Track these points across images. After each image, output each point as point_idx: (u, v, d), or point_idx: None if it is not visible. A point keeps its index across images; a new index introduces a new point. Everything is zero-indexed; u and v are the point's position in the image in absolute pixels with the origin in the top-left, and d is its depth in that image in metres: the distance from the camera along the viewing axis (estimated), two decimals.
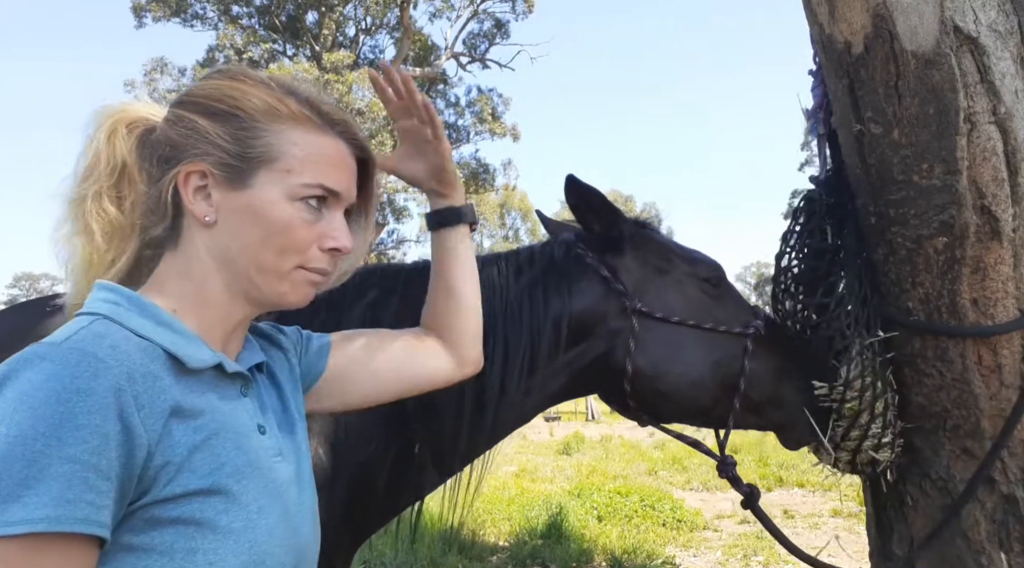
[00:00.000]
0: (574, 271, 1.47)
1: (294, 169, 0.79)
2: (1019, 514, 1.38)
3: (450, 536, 5.24)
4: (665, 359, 1.44)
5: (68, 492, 0.60)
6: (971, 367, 1.41)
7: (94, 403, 0.63)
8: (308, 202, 0.80)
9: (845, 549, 5.08)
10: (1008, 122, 1.38)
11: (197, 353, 0.76)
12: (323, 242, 0.82)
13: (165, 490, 0.67)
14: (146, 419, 0.67)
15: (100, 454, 0.62)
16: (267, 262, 0.79)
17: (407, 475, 1.33)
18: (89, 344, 0.67)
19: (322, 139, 0.83)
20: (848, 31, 1.49)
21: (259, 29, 19.57)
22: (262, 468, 0.77)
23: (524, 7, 20.85)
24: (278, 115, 0.80)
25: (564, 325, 1.41)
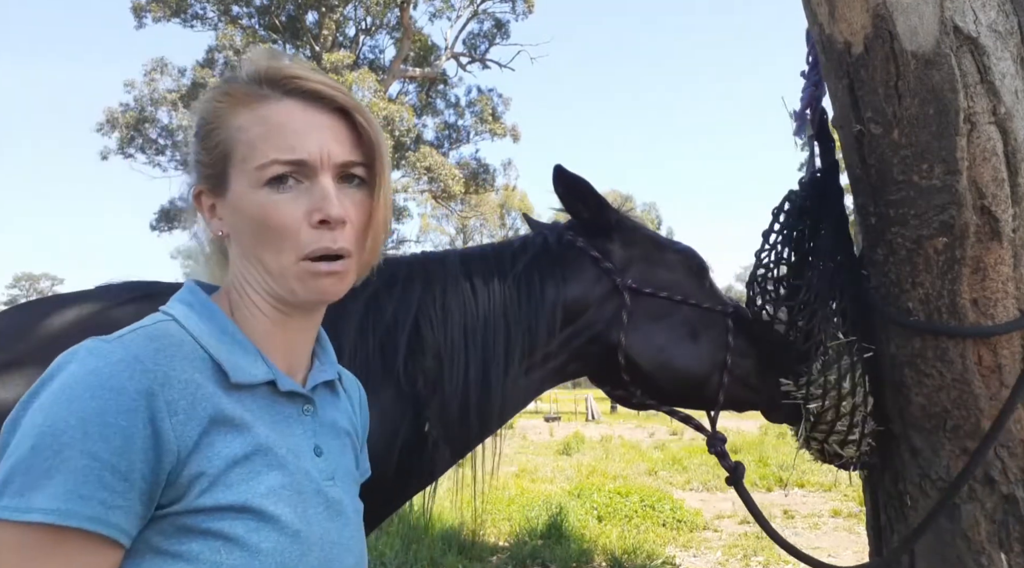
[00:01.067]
0: (566, 254, 1.53)
1: (247, 155, 0.74)
2: (1019, 514, 1.38)
3: (450, 536, 5.24)
4: (657, 332, 1.51)
5: (82, 488, 0.61)
6: (971, 367, 1.41)
7: (124, 403, 0.63)
8: (276, 180, 0.73)
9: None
10: (1008, 122, 1.38)
11: (250, 367, 0.75)
12: (311, 217, 0.74)
13: (199, 500, 0.67)
14: (179, 426, 0.67)
15: (121, 455, 0.62)
16: (268, 261, 0.76)
17: (418, 456, 1.35)
18: (135, 345, 0.68)
19: (265, 108, 0.74)
20: (848, 31, 1.49)
21: (259, 29, 19.56)
22: (306, 492, 0.75)
23: (524, 7, 20.85)
24: (220, 107, 0.76)
25: (560, 305, 1.47)
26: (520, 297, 1.43)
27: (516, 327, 1.41)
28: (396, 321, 1.34)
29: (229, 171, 0.75)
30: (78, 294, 1.35)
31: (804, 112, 1.71)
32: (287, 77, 0.75)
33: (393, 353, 1.32)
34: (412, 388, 1.31)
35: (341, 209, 0.75)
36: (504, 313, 1.41)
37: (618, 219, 1.62)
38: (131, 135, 18.85)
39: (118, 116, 18.88)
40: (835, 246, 1.59)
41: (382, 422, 1.29)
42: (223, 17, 19.38)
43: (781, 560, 5.30)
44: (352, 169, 0.78)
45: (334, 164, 0.75)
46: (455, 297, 1.39)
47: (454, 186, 19.30)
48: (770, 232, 1.67)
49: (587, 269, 1.52)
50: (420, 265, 1.44)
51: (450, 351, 1.35)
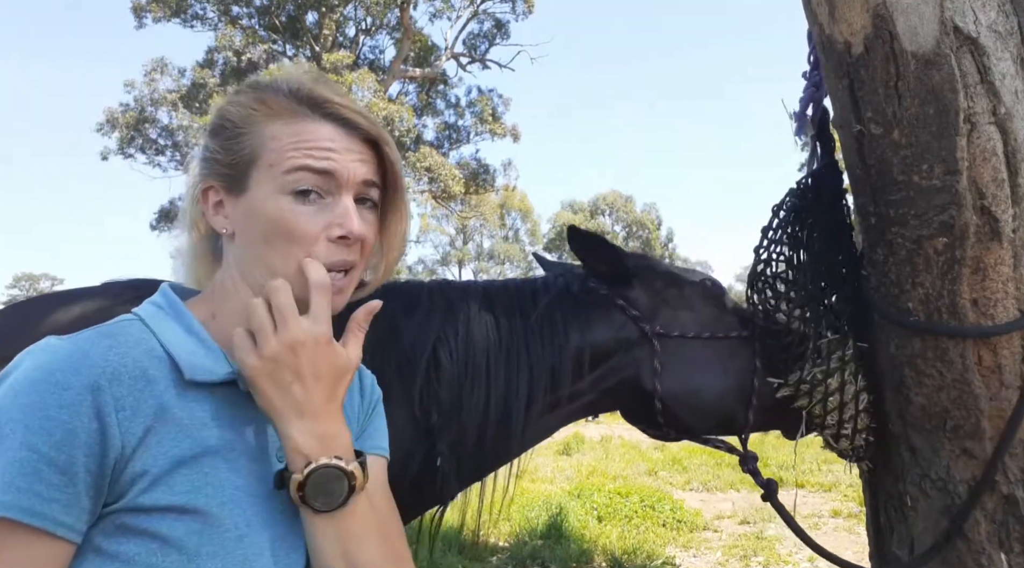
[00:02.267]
0: (590, 301, 1.55)
1: (275, 161, 0.77)
2: (1019, 514, 1.38)
3: (450, 536, 5.24)
4: (691, 375, 1.53)
5: (18, 479, 0.61)
6: (971, 367, 1.41)
7: (67, 398, 0.64)
8: (302, 192, 0.76)
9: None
10: (1008, 122, 1.38)
11: (211, 366, 0.74)
12: (330, 232, 0.77)
13: (140, 498, 0.67)
14: (125, 421, 0.67)
15: (61, 449, 0.62)
16: (275, 263, 0.77)
17: (429, 485, 1.34)
18: (86, 342, 0.69)
19: (302, 124, 0.79)
20: (848, 31, 1.49)
21: (259, 29, 19.56)
22: (259, 495, 0.74)
23: (524, 7, 20.85)
24: (255, 115, 0.80)
25: (586, 349, 1.49)
26: (543, 336, 1.45)
27: (539, 365, 1.42)
28: (415, 348, 1.33)
29: (251, 174, 0.78)
30: (82, 291, 1.35)
31: (805, 112, 1.71)
32: (328, 101, 0.80)
33: (411, 379, 1.31)
34: (427, 419, 1.30)
35: (363, 227, 0.78)
36: (528, 350, 1.41)
37: (635, 265, 1.64)
38: (131, 135, 18.86)
39: (118, 116, 18.89)
40: (831, 245, 1.60)
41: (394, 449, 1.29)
42: (223, 17, 19.38)
43: (781, 560, 5.30)
44: (369, 190, 0.81)
45: (357, 182, 0.79)
46: (478, 329, 1.39)
47: (454, 186, 19.31)
48: (769, 229, 1.67)
49: (614, 316, 1.55)
50: (441, 293, 1.45)
51: (470, 384, 1.34)
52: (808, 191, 1.66)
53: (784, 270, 1.64)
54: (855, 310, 1.58)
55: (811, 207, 1.63)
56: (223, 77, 18.44)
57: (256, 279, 0.78)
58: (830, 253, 1.60)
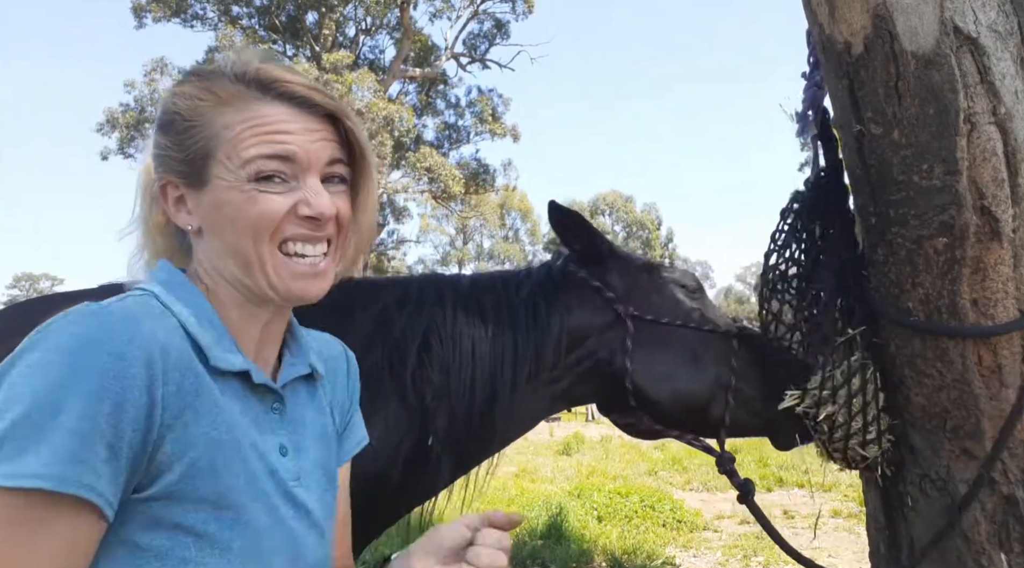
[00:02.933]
0: (567, 283, 1.59)
1: (231, 153, 0.73)
2: (1019, 515, 1.38)
3: None
4: (661, 357, 1.54)
5: (80, 452, 0.58)
6: (971, 368, 1.41)
7: (122, 368, 0.61)
8: (266, 177, 0.73)
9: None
10: (1008, 123, 1.38)
11: (227, 354, 0.73)
12: (299, 209, 0.74)
13: (175, 486, 0.65)
14: (169, 397, 0.65)
15: (110, 421, 0.60)
16: (247, 251, 0.74)
17: (421, 470, 1.37)
18: (133, 311, 0.67)
19: (253, 109, 0.74)
20: (848, 31, 1.49)
21: (259, 29, 19.57)
22: (272, 492, 0.73)
23: (524, 7, 20.86)
24: (203, 105, 0.75)
25: (565, 330, 1.51)
26: (527, 320, 1.49)
27: (523, 347, 1.46)
28: (406, 336, 1.38)
29: (210, 167, 0.74)
30: (80, 292, 1.35)
31: (807, 113, 1.71)
32: (277, 80, 0.75)
33: (401, 366, 1.35)
34: (420, 401, 1.34)
35: (332, 206, 0.75)
36: (513, 333, 1.46)
37: (610, 249, 1.67)
38: (131, 135, 18.85)
39: (118, 116, 18.90)
40: (841, 245, 1.59)
41: (386, 433, 1.31)
42: (223, 17, 19.39)
43: (781, 560, 5.30)
44: (336, 166, 0.78)
45: (321, 163, 0.76)
46: (465, 315, 1.44)
47: (454, 186, 19.31)
48: (778, 233, 1.66)
49: (590, 298, 1.57)
50: (432, 285, 1.50)
51: (458, 365, 1.39)
52: (817, 191, 1.65)
53: (796, 273, 1.63)
54: (867, 309, 1.56)
55: (821, 207, 1.63)
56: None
57: (231, 270, 0.76)
58: (843, 252, 1.59)
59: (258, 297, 0.77)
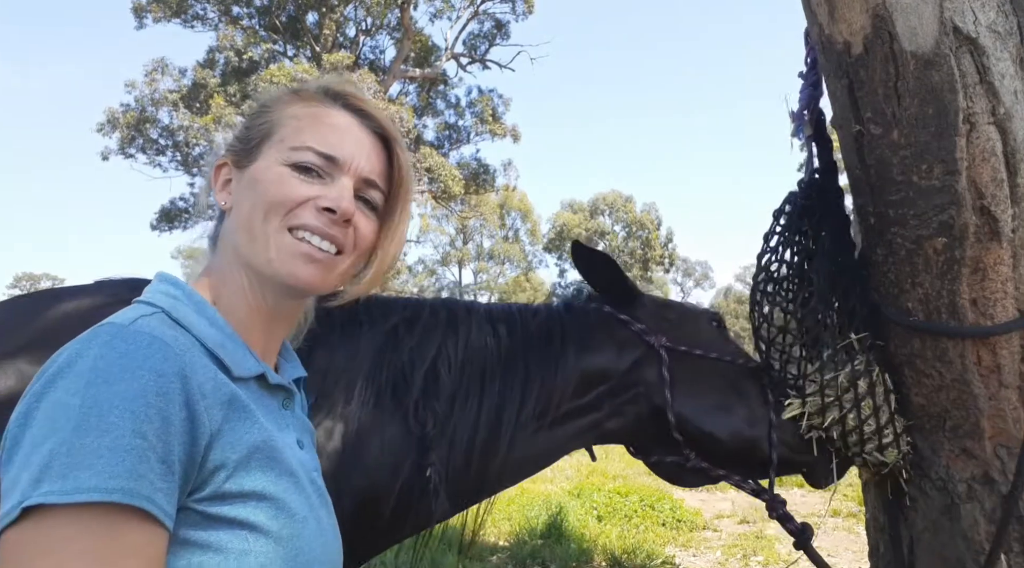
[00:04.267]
0: (591, 318, 1.55)
1: (287, 137, 0.80)
2: (1019, 514, 1.38)
3: (450, 536, 5.24)
4: (702, 389, 1.51)
5: (138, 467, 0.59)
6: (970, 368, 1.41)
7: (163, 386, 0.63)
8: (304, 167, 0.78)
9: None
10: (1007, 123, 1.38)
11: (243, 361, 0.76)
12: (319, 201, 0.77)
13: (225, 485, 0.67)
14: (209, 409, 0.67)
15: (160, 437, 0.61)
16: (255, 227, 0.77)
17: (417, 499, 1.32)
18: (156, 329, 0.68)
19: (321, 109, 0.82)
20: (848, 31, 1.49)
21: (259, 30, 19.56)
22: (302, 482, 0.76)
23: (524, 8, 20.85)
24: (284, 98, 0.84)
25: (586, 366, 1.47)
26: (540, 351, 1.44)
27: (534, 380, 1.40)
28: (413, 359, 1.33)
29: (263, 146, 0.81)
30: (75, 288, 1.34)
31: (803, 113, 1.71)
32: (347, 94, 0.84)
33: (405, 390, 1.31)
34: (421, 429, 1.29)
35: (352, 207, 0.78)
36: (524, 365, 1.41)
37: (634, 287, 1.64)
38: (132, 135, 18.86)
39: (119, 116, 18.89)
40: (836, 247, 1.58)
41: (383, 455, 1.27)
42: (223, 18, 19.38)
43: (780, 560, 5.31)
44: (371, 191, 0.83)
45: (359, 176, 0.81)
46: (477, 344, 1.39)
47: (454, 186, 19.30)
48: (771, 234, 1.65)
49: (617, 331, 1.54)
50: (445, 309, 1.45)
51: (464, 396, 1.34)
52: (812, 191, 1.64)
53: (789, 274, 1.61)
54: (868, 309, 1.55)
55: (814, 209, 1.62)
56: (224, 77, 18.45)
57: (238, 244, 0.78)
58: (840, 252, 1.58)
59: (258, 277, 0.78)
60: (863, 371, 1.48)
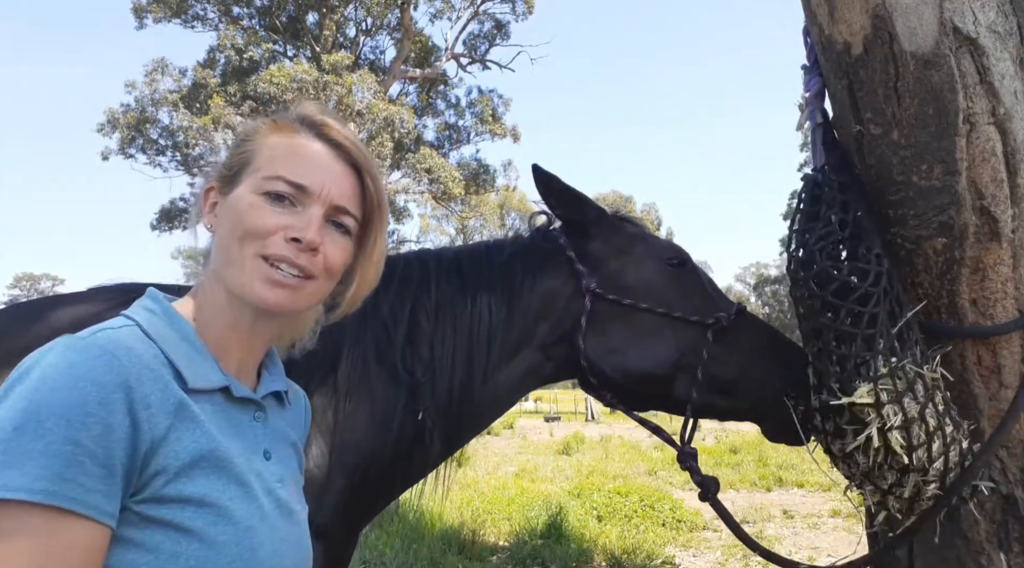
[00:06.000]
0: (546, 251, 1.57)
1: (261, 166, 0.85)
2: (1018, 514, 1.38)
3: (450, 536, 5.24)
4: (614, 340, 1.50)
5: (67, 471, 0.65)
6: (970, 368, 1.41)
7: (105, 395, 0.68)
8: (276, 196, 0.83)
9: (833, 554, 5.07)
10: (1007, 123, 1.38)
11: (207, 374, 0.81)
12: (287, 232, 0.82)
13: (164, 489, 0.71)
14: (152, 417, 0.72)
15: (99, 443, 0.67)
16: (232, 251, 0.82)
17: (413, 444, 1.38)
18: (110, 343, 0.73)
19: (296, 139, 0.87)
20: (848, 32, 1.50)
21: (260, 30, 19.57)
22: (255, 492, 0.80)
23: (524, 8, 20.86)
24: (263, 129, 0.89)
25: (535, 301, 1.51)
26: (503, 288, 1.48)
27: (497, 314, 1.46)
28: (394, 315, 1.40)
29: (242, 174, 0.86)
30: (71, 296, 1.36)
31: (815, 98, 1.67)
32: (323, 125, 0.88)
33: (388, 345, 1.37)
34: (411, 378, 1.36)
35: (319, 238, 0.82)
36: (489, 301, 1.46)
37: (598, 217, 1.61)
38: (132, 135, 18.86)
39: (119, 116, 18.89)
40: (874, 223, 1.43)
41: (373, 413, 1.34)
42: (224, 18, 19.39)
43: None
44: (343, 216, 0.87)
45: (330, 203, 0.85)
46: (447, 287, 1.46)
47: (454, 187, 19.30)
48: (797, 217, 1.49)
49: (561, 268, 1.54)
50: (417, 260, 1.51)
51: (441, 338, 1.41)
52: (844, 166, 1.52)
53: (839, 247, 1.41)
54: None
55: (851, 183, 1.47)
56: (224, 77, 18.45)
57: (218, 265, 0.84)
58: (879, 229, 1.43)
59: (234, 298, 0.84)
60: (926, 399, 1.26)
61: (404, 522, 5.28)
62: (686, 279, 1.58)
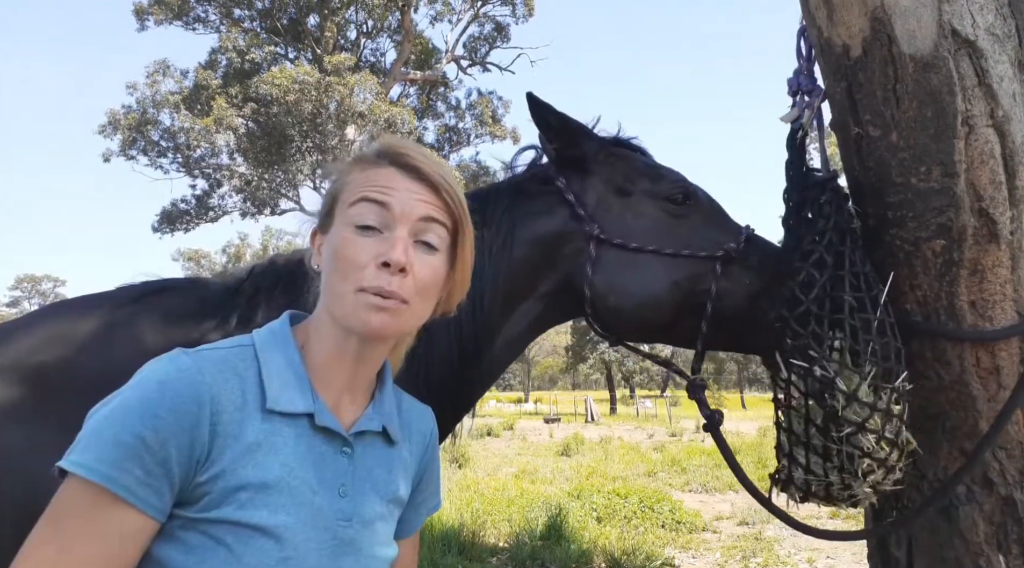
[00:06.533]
0: (542, 193, 1.50)
1: (347, 198, 0.90)
2: (1018, 516, 1.39)
3: (450, 537, 5.24)
4: (621, 283, 1.45)
5: (126, 461, 0.73)
6: (969, 369, 1.41)
7: (178, 405, 0.76)
8: (366, 226, 0.87)
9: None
10: (1006, 125, 1.39)
11: (292, 398, 0.85)
12: (377, 259, 0.85)
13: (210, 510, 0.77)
14: (214, 437, 0.78)
15: (161, 443, 0.74)
16: (335, 286, 0.87)
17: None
18: (204, 361, 0.82)
19: (374, 170, 0.91)
20: (846, 34, 1.50)
21: (261, 32, 19.60)
22: (314, 526, 0.82)
23: (524, 10, 20.89)
24: (345, 168, 0.94)
25: (534, 246, 1.46)
26: (499, 247, 1.44)
27: (492, 275, 1.41)
28: None
29: (334, 212, 0.92)
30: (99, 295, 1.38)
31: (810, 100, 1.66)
32: (399, 153, 0.92)
33: None
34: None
35: (404, 257, 0.85)
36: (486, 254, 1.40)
37: (598, 152, 1.54)
38: (133, 137, 18.89)
39: (120, 118, 18.93)
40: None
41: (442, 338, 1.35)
42: (225, 20, 19.42)
43: (780, 561, 5.31)
44: (429, 230, 0.90)
45: (413, 218, 0.89)
46: None
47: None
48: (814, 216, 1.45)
49: (559, 212, 1.48)
50: None
51: None
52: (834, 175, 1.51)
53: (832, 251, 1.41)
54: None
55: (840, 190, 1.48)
56: (225, 79, 18.47)
57: (326, 302, 0.89)
58: None
59: (340, 328, 0.88)
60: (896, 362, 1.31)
61: None
62: (692, 213, 1.52)
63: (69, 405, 1.13)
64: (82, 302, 1.35)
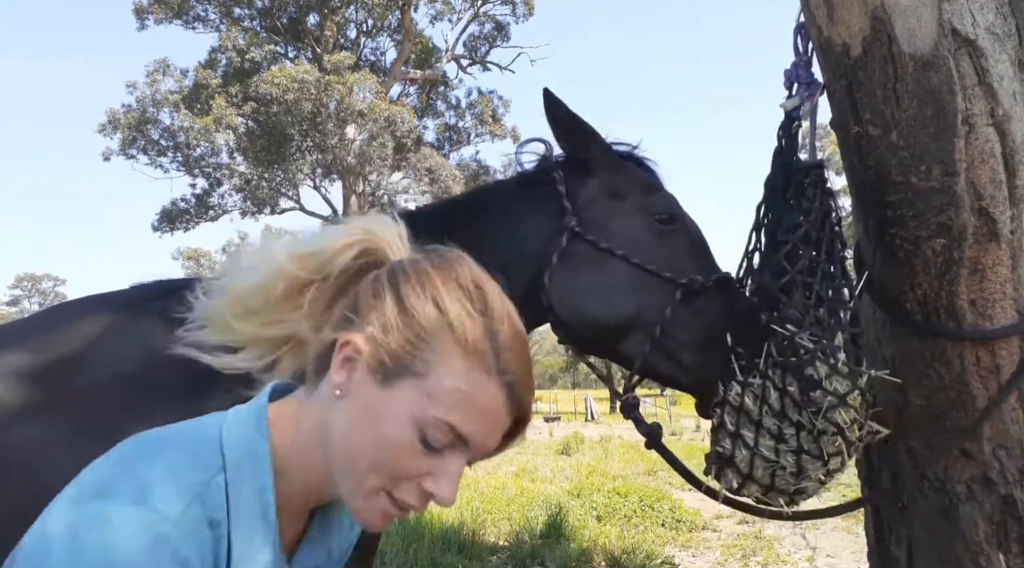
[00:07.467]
0: (540, 186, 1.54)
1: (435, 397, 0.72)
2: (1018, 515, 1.39)
3: (450, 536, 5.24)
4: (580, 282, 1.45)
5: None
6: (969, 368, 1.42)
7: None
8: (431, 435, 0.72)
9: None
10: (1006, 124, 1.39)
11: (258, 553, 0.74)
12: (424, 480, 0.74)
13: None
14: None
15: None
16: (358, 466, 0.74)
17: None
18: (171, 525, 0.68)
19: (481, 381, 0.74)
20: (846, 33, 1.50)
21: (261, 31, 19.60)
22: None
23: (524, 10, 20.90)
24: (451, 335, 0.74)
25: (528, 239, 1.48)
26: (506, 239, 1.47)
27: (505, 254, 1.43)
28: None
29: (405, 381, 0.74)
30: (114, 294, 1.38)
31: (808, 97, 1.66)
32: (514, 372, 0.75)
33: None
34: None
35: (453, 497, 0.75)
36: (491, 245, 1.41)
37: (602, 155, 1.55)
38: (133, 136, 18.91)
39: (120, 117, 18.94)
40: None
41: None
42: (225, 19, 19.43)
43: (780, 560, 5.31)
44: None
45: (480, 454, 0.77)
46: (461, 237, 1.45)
47: (455, 187, 19.32)
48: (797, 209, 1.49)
49: (549, 205, 1.50)
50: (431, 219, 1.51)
51: None
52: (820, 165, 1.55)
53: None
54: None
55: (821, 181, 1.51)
56: (225, 78, 18.47)
57: (336, 465, 0.76)
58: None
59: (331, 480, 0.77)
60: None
61: (403, 522, 5.28)
62: (673, 237, 1.52)
63: (81, 404, 1.14)
64: (96, 301, 1.36)
